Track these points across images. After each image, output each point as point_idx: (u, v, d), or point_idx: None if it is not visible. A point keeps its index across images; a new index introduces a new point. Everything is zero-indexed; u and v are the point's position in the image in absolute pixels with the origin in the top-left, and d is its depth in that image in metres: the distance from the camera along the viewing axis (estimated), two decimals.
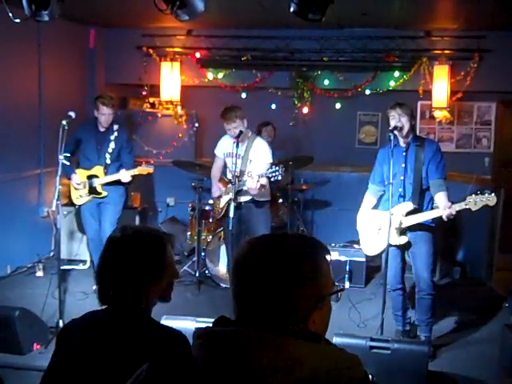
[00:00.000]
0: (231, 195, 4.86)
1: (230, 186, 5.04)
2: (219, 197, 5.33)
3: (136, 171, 5.39)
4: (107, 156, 5.43)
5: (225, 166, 5.35)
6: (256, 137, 5.17)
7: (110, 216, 5.50)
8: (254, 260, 1.23)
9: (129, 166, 5.45)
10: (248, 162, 5.05)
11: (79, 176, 5.46)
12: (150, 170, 5.48)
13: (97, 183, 5.44)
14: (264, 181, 4.81)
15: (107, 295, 1.90)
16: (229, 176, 5.20)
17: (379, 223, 4.37)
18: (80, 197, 5.52)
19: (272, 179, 4.69)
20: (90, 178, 5.46)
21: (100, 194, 5.47)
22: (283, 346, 1.12)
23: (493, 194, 4.00)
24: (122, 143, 5.48)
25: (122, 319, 1.84)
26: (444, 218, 4.09)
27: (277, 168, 4.59)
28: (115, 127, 5.44)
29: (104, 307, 1.92)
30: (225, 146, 5.24)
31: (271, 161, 4.97)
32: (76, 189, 5.51)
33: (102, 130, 5.45)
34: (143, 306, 1.90)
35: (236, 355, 1.12)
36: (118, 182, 5.46)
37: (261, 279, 1.21)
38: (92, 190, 5.47)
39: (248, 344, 1.13)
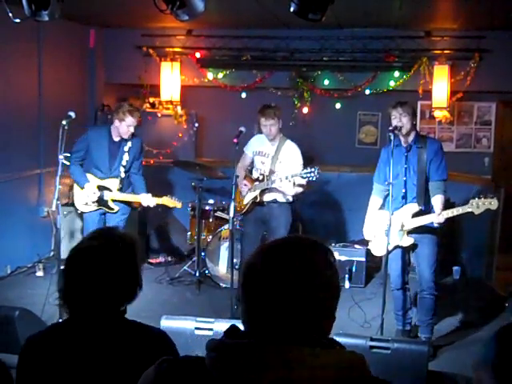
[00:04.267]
0: (257, 193, 5.00)
1: (256, 183, 5.10)
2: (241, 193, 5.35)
3: (160, 201, 5.13)
4: (121, 170, 5.08)
5: (251, 165, 5.38)
6: (287, 139, 5.21)
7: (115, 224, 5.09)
8: (271, 271, 1.18)
9: (142, 184, 5.17)
10: (277, 162, 5.09)
11: (90, 183, 5.07)
12: (178, 204, 5.23)
13: (109, 197, 5.06)
14: (300, 180, 4.86)
15: (83, 306, 1.77)
16: (255, 175, 5.23)
17: (386, 224, 4.35)
18: (86, 205, 5.10)
19: (306, 180, 4.76)
20: (100, 188, 5.05)
21: (112, 209, 5.11)
22: (305, 358, 1.10)
23: (495, 198, 4.00)
24: (136, 154, 5.15)
25: (102, 325, 1.76)
26: (434, 224, 4.13)
27: (312, 169, 4.63)
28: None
29: (68, 318, 1.80)
30: (256, 145, 5.27)
31: (302, 162, 5.03)
32: (84, 198, 5.09)
33: (115, 139, 5.06)
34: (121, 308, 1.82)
35: (256, 369, 1.10)
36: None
37: (279, 290, 1.16)
38: (102, 203, 5.06)
39: (264, 357, 1.10)
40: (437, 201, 4.18)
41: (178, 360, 1.27)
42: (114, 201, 5.11)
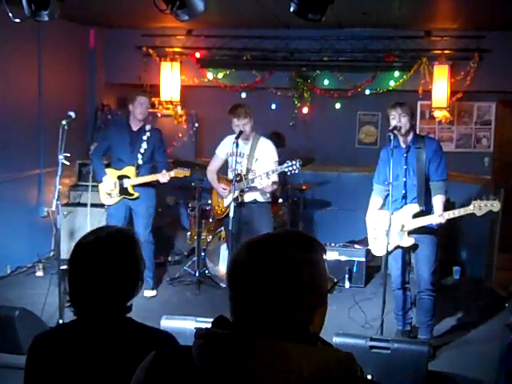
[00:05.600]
0: (237, 193, 4.89)
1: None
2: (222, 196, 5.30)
3: (172, 174, 5.33)
4: (139, 156, 5.39)
5: (225, 166, 5.33)
6: (260, 136, 5.15)
7: (143, 219, 5.47)
8: (252, 265, 1.20)
9: (164, 166, 5.46)
10: (254, 160, 5.04)
11: (109, 176, 5.42)
12: (187, 172, 5.43)
13: (128, 184, 5.39)
14: (275, 177, 4.86)
15: (87, 303, 1.78)
16: (230, 176, 5.18)
17: (386, 224, 4.34)
18: (109, 196, 5.46)
19: (289, 173, 4.77)
20: (120, 178, 5.41)
21: (132, 195, 5.42)
22: (281, 351, 1.11)
23: (497, 200, 4.00)
24: (155, 144, 5.46)
25: (109, 326, 1.76)
26: (434, 224, 4.13)
27: (293, 162, 4.62)
28: (147, 127, 5.45)
29: (75, 318, 1.81)
30: (229, 146, 5.15)
31: (277, 159, 5.01)
32: (105, 188, 5.46)
33: (134, 129, 5.43)
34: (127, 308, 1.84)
35: (233, 359, 1.11)
36: (148, 184, 5.44)
37: (261, 286, 1.18)
38: (123, 191, 5.42)
39: (245, 349, 1.12)
40: (437, 201, 4.18)
41: (165, 351, 1.28)
42: (134, 187, 5.43)
